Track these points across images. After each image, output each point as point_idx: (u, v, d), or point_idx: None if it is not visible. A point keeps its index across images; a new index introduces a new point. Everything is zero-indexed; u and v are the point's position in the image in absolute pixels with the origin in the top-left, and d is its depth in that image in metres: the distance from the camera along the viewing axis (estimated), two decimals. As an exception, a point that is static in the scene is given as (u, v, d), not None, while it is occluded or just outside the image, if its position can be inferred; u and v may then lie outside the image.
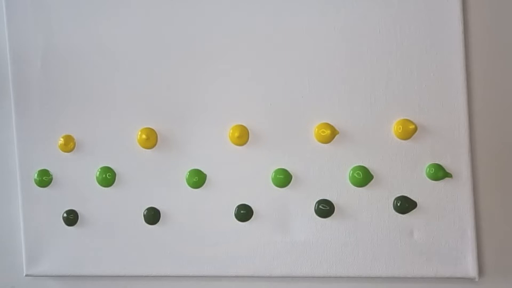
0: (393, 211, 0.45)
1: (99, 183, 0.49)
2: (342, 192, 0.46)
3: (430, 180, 0.44)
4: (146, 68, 0.48)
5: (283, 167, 0.46)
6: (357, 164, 0.45)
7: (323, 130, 0.45)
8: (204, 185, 0.47)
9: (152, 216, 0.48)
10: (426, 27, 0.44)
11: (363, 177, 0.45)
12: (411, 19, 0.45)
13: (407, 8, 0.45)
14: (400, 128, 0.44)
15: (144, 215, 0.48)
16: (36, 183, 0.49)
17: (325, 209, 0.45)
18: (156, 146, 0.48)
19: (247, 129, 0.47)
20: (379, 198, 0.45)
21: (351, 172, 0.45)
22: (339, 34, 0.46)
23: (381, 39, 0.45)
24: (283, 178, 0.46)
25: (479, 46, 0.45)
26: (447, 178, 0.44)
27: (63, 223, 0.49)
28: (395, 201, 0.45)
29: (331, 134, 0.45)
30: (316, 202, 0.46)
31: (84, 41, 0.49)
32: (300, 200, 0.46)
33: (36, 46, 0.50)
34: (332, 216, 0.46)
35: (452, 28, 0.44)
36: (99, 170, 0.49)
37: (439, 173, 0.44)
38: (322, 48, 0.46)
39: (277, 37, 0.46)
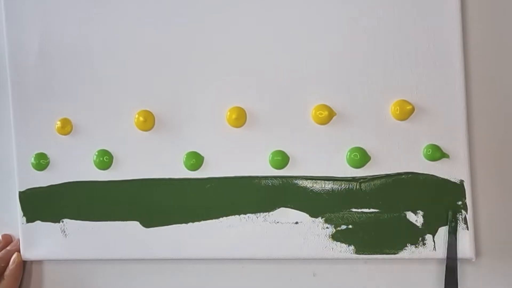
0: (391, 192, 0.45)
1: (96, 166, 0.49)
2: (339, 174, 0.46)
3: (427, 161, 0.44)
4: (143, 50, 0.48)
5: (280, 149, 0.46)
6: (355, 146, 0.45)
7: (321, 111, 0.45)
8: (202, 167, 0.47)
9: (150, 198, 0.48)
10: (424, 7, 0.44)
11: (361, 158, 0.45)
12: (410, 0, 0.45)
13: (405, -10, 0.45)
14: (397, 109, 0.44)
15: (141, 198, 0.48)
16: (33, 167, 0.49)
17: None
18: (154, 128, 0.48)
19: (244, 110, 0.46)
20: (376, 179, 0.45)
21: (349, 153, 0.45)
22: (336, 16, 0.46)
23: (379, 19, 0.45)
24: (281, 160, 0.46)
25: (477, 26, 0.45)
26: (444, 159, 0.44)
27: (61, 206, 0.49)
28: (393, 182, 0.45)
29: (328, 116, 0.45)
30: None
31: (82, 25, 0.49)
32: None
33: (34, 30, 0.49)
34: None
35: (450, 8, 0.44)
36: (97, 153, 0.49)
37: (436, 154, 0.44)
38: (319, 29, 0.46)
39: (274, 19, 0.46)
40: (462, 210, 0.44)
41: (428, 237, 0.44)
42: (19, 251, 0.50)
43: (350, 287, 0.47)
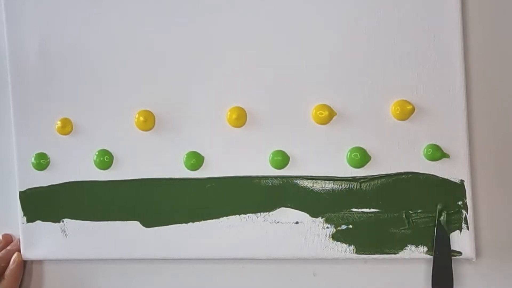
0: (391, 192, 0.45)
1: (96, 166, 0.49)
2: (340, 174, 0.46)
3: (428, 161, 0.44)
4: (143, 50, 0.48)
5: (280, 149, 0.46)
6: (355, 145, 0.45)
7: (321, 111, 0.45)
8: (202, 167, 0.47)
9: (150, 198, 0.48)
10: (424, 7, 0.44)
11: (361, 158, 0.45)
12: (410, 0, 0.45)
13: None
14: (398, 109, 0.44)
15: (141, 198, 0.48)
16: (34, 166, 0.49)
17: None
18: (154, 128, 0.48)
19: (244, 110, 0.47)
20: (376, 179, 0.45)
21: (349, 153, 0.45)
22: (336, 16, 0.46)
23: (379, 19, 0.45)
24: (281, 160, 0.46)
25: (477, 26, 0.45)
26: (444, 159, 0.44)
27: (61, 206, 0.49)
28: (393, 182, 0.45)
29: (328, 116, 0.45)
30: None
31: (82, 25, 0.49)
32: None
33: (34, 30, 0.50)
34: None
35: (450, 8, 0.44)
36: (97, 153, 0.49)
37: (437, 153, 0.44)
38: (319, 29, 0.46)
39: (274, 19, 0.46)
40: (462, 210, 0.44)
41: (429, 234, 0.44)
42: (19, 250, 0.50)
43: (350, 287, 0.47)
